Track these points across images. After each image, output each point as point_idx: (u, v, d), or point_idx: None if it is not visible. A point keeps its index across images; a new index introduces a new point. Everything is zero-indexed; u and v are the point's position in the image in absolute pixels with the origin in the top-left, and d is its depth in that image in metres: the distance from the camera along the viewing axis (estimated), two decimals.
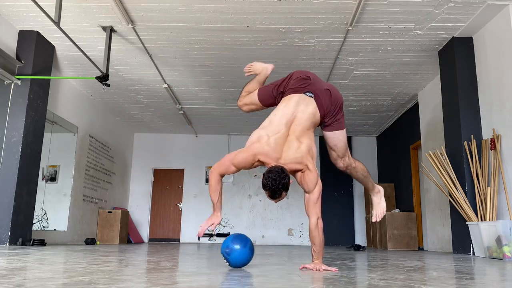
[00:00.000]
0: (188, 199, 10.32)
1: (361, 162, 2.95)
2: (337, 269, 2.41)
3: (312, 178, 2.45)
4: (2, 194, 5.05)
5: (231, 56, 6.09)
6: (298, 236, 10.02)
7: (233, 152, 2.51)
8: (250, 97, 2.93)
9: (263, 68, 3.06)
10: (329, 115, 2.66)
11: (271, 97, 2.81)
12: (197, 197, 10.29)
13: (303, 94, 2.61)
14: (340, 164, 2.83)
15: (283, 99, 2.68)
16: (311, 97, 2.61)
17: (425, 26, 5.17)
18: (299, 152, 2.45)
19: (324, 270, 2.35)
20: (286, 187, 2.35)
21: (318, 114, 2.61)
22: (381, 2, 4.66)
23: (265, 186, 2.35)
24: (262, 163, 2.51)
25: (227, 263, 2.41)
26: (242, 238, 2.42)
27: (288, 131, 2.50)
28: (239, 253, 2.37)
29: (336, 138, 2.74)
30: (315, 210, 2.45)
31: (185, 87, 7.38)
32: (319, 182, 2.47)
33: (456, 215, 5.13)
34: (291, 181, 2.38)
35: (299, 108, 2.56)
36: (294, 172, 2.50)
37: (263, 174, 2.37)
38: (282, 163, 2.43)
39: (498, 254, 4.11)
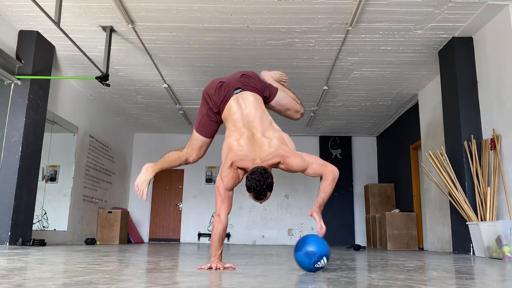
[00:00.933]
0: (188, 199, 10.32)
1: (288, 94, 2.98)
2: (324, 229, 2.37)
3: (297, 160, 2.43)
4: (2, 194, 5.05)
5: (231, 56, 6.09)
6: (298, 236, 10.00)
7: (218, 177, 2.47)
8: (195, 143, 2.87)
9: (144, 176, 3.13)
10: (263, 88, 2.76)
11: (212, 122, 2.79)
12: (197, 197, 10.30)
13: (234, 95, 2.64)
14: (302, 111, 2.97)
15: (224, 114, 2.68)
16: (242, 90, 2.66)
17: (425, 26, 5.16)
18: (272, 146, 2.45)
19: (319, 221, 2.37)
20: (270, 187, 2.34)
21: (258, 96, 2.69)
22: (381, 2, 4.66)
23: (249, 188, 2.33)
24: (243, 170, 2.48)
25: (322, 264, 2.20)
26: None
27: (251, 130, 2.51)
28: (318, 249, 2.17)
29: (281, 98, 2.86)
30: (329, 165, 2.44)
31: (185, 87, 7.38)
32: (308, 154, 2.47)
33: (456, 215, 5.13)
34: (274, 180, 2.38)
35: (242, 106, 2.60)
36: (276, 166, 2.49)
37: (246, 177, 2.36)
38: (259, 162, 2.42)
39: (498, 254, 4.11)
